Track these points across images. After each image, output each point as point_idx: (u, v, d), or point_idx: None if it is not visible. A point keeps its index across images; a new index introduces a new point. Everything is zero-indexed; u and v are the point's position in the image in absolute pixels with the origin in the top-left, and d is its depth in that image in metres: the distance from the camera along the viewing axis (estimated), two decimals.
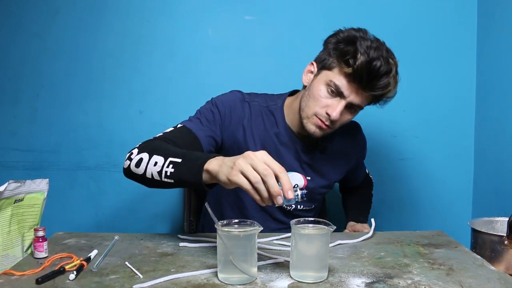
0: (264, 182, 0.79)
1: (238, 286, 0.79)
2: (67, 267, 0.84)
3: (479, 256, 0.96)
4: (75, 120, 1.72)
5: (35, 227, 0.97)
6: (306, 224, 0.85)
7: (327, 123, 1.09)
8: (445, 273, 0.86)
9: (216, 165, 0.85)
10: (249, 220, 0.84)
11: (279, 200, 0.80)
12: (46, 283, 0.79)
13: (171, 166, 0.91)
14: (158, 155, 0.95)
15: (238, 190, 1.18)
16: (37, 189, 0.97)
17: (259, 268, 0.86)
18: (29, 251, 0.97)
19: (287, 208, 1.22)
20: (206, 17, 1.72)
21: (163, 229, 1.78)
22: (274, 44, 1.73)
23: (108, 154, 1.73)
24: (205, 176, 0.87)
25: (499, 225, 1.15)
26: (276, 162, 0.81)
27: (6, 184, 0.88)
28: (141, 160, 0.96)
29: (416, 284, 0.81)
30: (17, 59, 1.70)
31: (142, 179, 0.97)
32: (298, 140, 1.19)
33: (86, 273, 0.84)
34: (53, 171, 1.73)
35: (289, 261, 0.86)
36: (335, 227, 0.83)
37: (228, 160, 0.83)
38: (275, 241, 1.05)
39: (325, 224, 0.84)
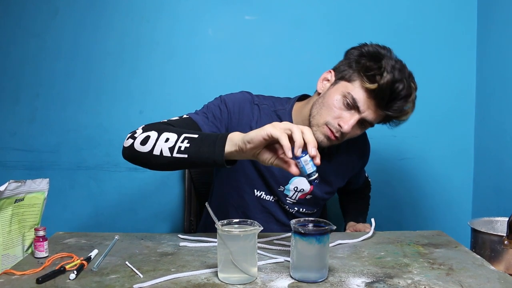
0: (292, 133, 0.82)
1: (238, 285, 0.79)
2: (67, 266, 0.84)
3: (479, 256, 0.96)
4: (75, 120, 1.72)
5: (36, 226, 0.97)
6: (306, 224, 0.85)
7: (337, 134, 1.07)
8: (445, 273, 0.86)
9: (239, 134, 0.87)
10: (249, 220, 0.84)
11: (299, 152, 0.82)
12: (47, 282, 0.79)
13: (186, 141, 0.90)
14: (169, 132, 0.93)
15: (241, 191, 1.18)
16: (37, 189, 0.97)
17: (259, 268, 0.86)
18: (30, 250, 0.97)
19: (290, 209, 1.22)
20: (206, 17, 1.71)
21: (163, 229, 1.78)
22: (274, 44, 1.73)
23: (108, 154, 1.73)
24: (228, 146, 0.87)
25: (499, 225, 1.15)
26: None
27: (6, 184, 0.88)
28: (148, 137, 0.94)
29: (416, 284, 0.81)
30: (17, 59, 1.70)
31: (147, 157, 0.94)
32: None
33: (86, 272, 0.84)
34: (53, 171, 1.73)
35: (289, 261, 0.86)
36: (335, 227, 0.83)
37: (254, 130, 0.86)
38: (275, 241, 1.05)
39: (325, 224, 0.84)
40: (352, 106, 1.06)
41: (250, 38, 1.73)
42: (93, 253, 0.93)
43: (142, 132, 0.96)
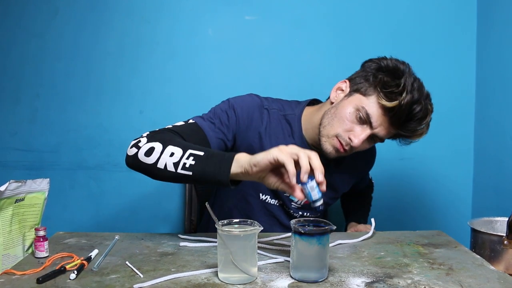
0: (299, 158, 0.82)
1: (238, 285, 0.79)
2: (67, 266, 0.84)
3: (478, 256, 0.96)
4: (75, 120, 1.72)
5: (36, 226, 0.97)
6: (306, 224, 0.85)
7: (346, 147, 1.06)
8: (445, 273, 0.86)
9: (246, 156, 0.87)
10: (249, 220, 0.84)
11: (305, 178, 0.82)
12: (47, 282, 0.79)
13: (191, 158, 0.89)
14: (174, 145, 0.92)
15: (246, 194, 1.17)
16: (38, 189, 0.98)
17: (259, 268, 0.86)
18: (30, 250, 0.97)
19: (294, 213, 1.22)
20: (206, 17, 1.72)
21: (163, 229, 1.78)
22: (274, 44, 1.73)
23: (108, 154, 1.74)
24: (234, 167, 0.86)
25: (498, 225, 1.15)
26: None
27: (7, 184, 0.88)
28: (152, 149, 0.93)
29: (416, 283, 0.81)
30: (17, 59, 1.70)
31: (150, 169, 0.93)
32: None
33: (86, 272, 0.84)
34: (53, 171, 1.73)
35: (289, 261, 0.86)
36: (335, 227, 0.83)
37: (260, 153, 0.85)
38: (275, 241, 1.05)
39: (325, 224, 0.84)
40: (365, 120, 1.04)
41: (250, 38, 1.73)
42: (94, 253, 0.93)
43: (147, 142, 0.95)
